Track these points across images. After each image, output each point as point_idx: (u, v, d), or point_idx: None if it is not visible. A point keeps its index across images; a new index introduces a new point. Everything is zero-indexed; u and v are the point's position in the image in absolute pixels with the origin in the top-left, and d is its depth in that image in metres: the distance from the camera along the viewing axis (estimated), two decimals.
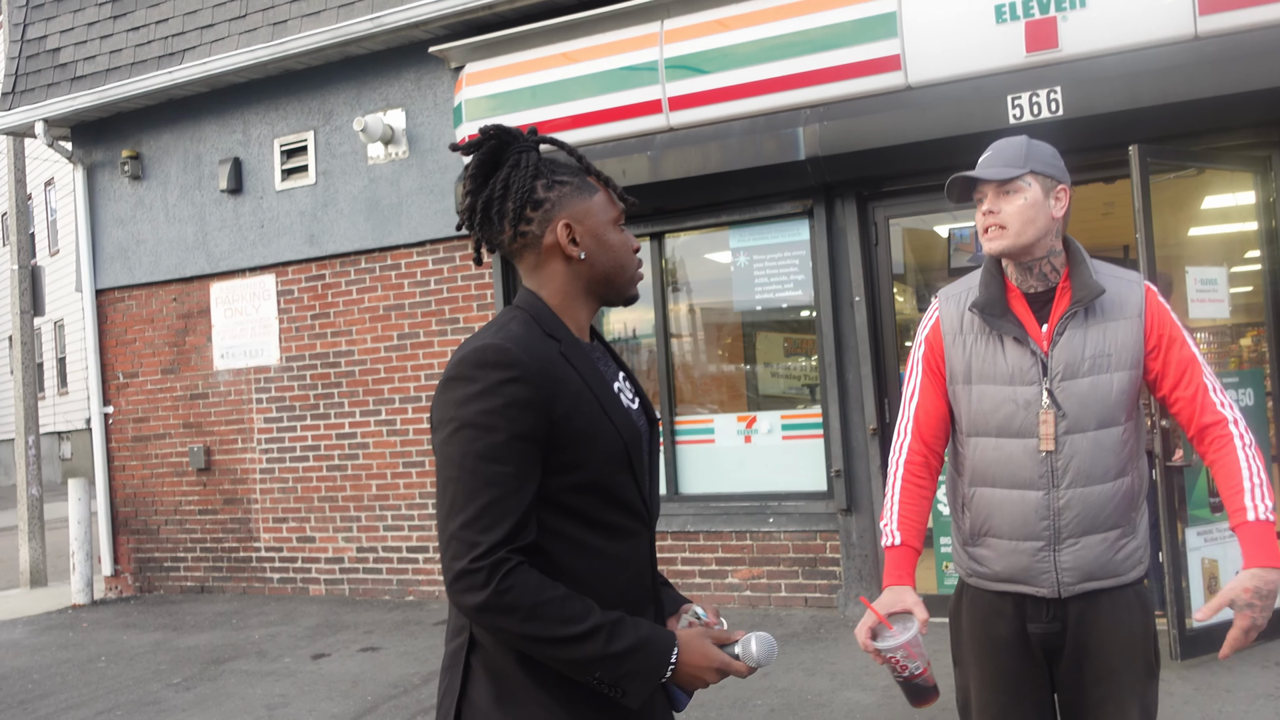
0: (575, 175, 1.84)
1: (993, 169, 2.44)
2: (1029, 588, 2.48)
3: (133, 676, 6.46)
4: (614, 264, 1.86)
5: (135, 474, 9.41)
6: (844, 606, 6.64)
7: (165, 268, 9.11)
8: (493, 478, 1.63)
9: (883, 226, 6.60)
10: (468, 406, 1.65)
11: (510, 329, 1.74)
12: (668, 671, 1.71)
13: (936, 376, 2.59)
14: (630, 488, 1.81)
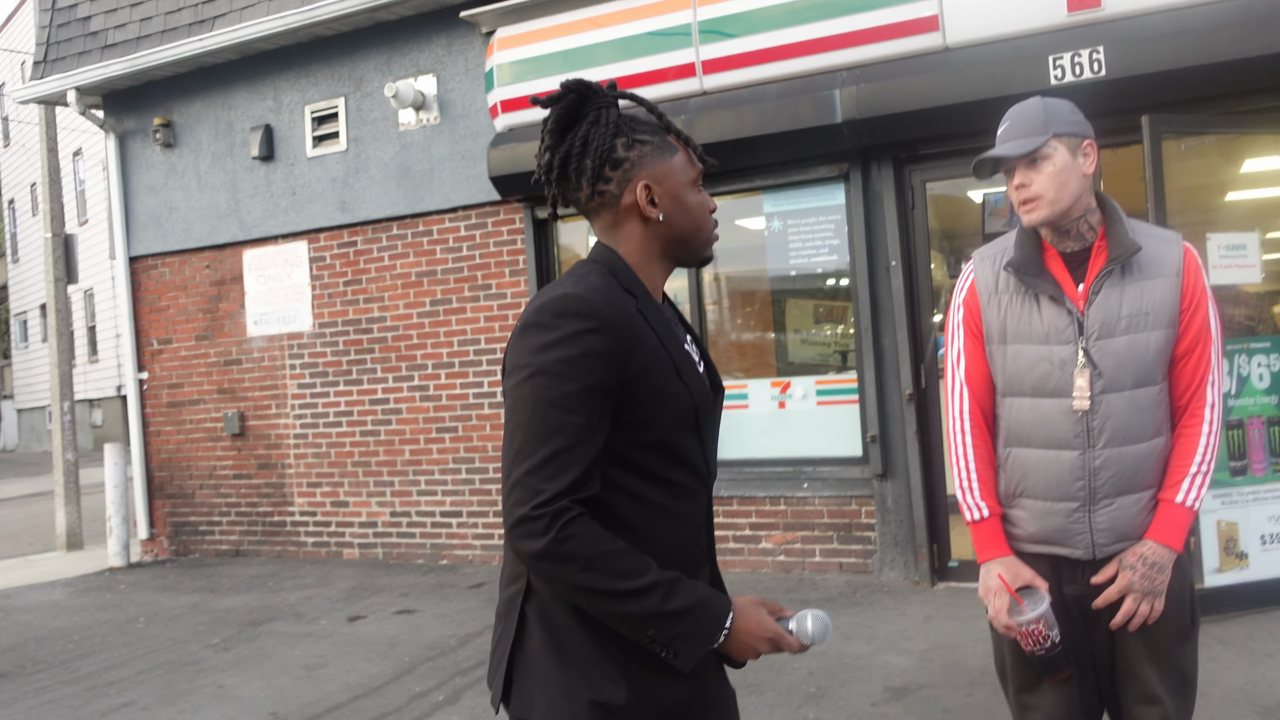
0: (655, 134, 1.81)
1: (1015, 143, 2.40)
2: (1063, 549, 2.47)
3: (171, 637, 6.54)
4: (691, 225, 1.83)
5: (170, 439, 9.49)
6: (879, 571, 6.64)
7: (198, 235, 9.15)
8: (562, 426, 1.61)
9: (919, 190, 6.53)
10: (544, 354, 1.64)
11: (590, 280, 1.73)
12: (721, 636, 1.70)
13: (977, 338, 2.56)
14: (695, 449, 1.80)
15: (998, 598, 2.38)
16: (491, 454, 7.95)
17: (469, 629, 6.18)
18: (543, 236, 7.71)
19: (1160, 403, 2.43)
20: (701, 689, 1.79)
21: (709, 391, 1.84)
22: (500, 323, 7.86)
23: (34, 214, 29.47)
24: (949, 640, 5.34)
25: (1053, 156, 2.38)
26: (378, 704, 4.99)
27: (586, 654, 1.71)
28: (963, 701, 4.49)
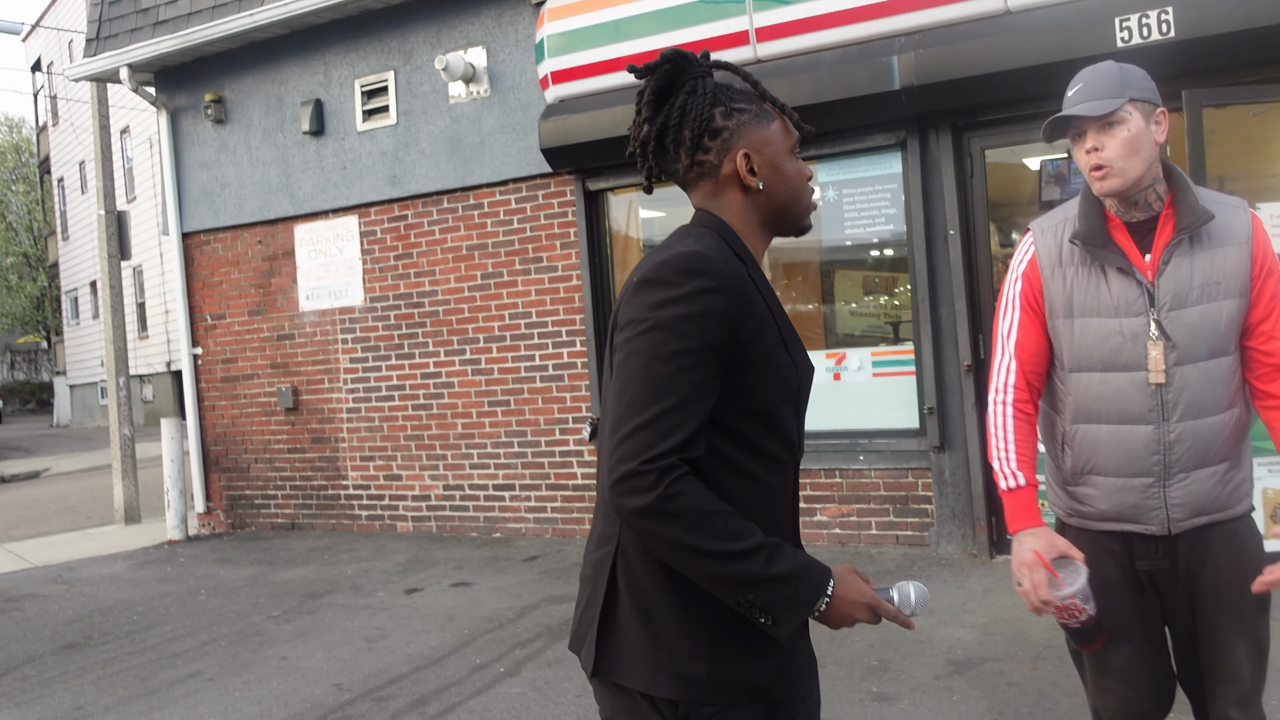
0: (753, 103, 1.79)
1: (1092, 104, 2.31)
2: (1137, 526, 2.42)
3: (233, 609, 6.63)
4: (790, 194, 1.82)
5: (225, 414, 9.60)
6: (936, 544, 6.58)
7: (250, 210, 9.21)
8: (677, 383, 1.59)
9: (978, 158, 6.42)
10: (664, 310, 1.61)
11: (708, 241, 1.71)
12: (823, 603, 1.67)
13: (1035, 312, 2.50)
14: (791, 422, 1.78)
15: (1034, 572, 2.29)
16: (543, 427, 7.96)
17: (525, 602, 6.21)
18: (594, 209, 7.67)
19: (1234, 373, 2.38)
20: (786, 666, 1.77)
21: (810, 364, 1.83)
22: (551, 295, 7.85)
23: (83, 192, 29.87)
24: (1010, 614, 5.29)
25: (1128, 121, 2.31)
26: (439, 675, 5.03)
27: (673, 625, 1.69)
28: (1028, 675, 4.44)
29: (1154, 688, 2.52)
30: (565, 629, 5.60)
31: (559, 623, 5.73)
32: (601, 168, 7.43)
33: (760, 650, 1.72)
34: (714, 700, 1.68)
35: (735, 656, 1.70)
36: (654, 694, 1.68)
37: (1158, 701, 2.54)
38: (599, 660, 1.74)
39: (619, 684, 1.72)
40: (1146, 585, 2.45)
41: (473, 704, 4.61)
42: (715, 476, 1.68)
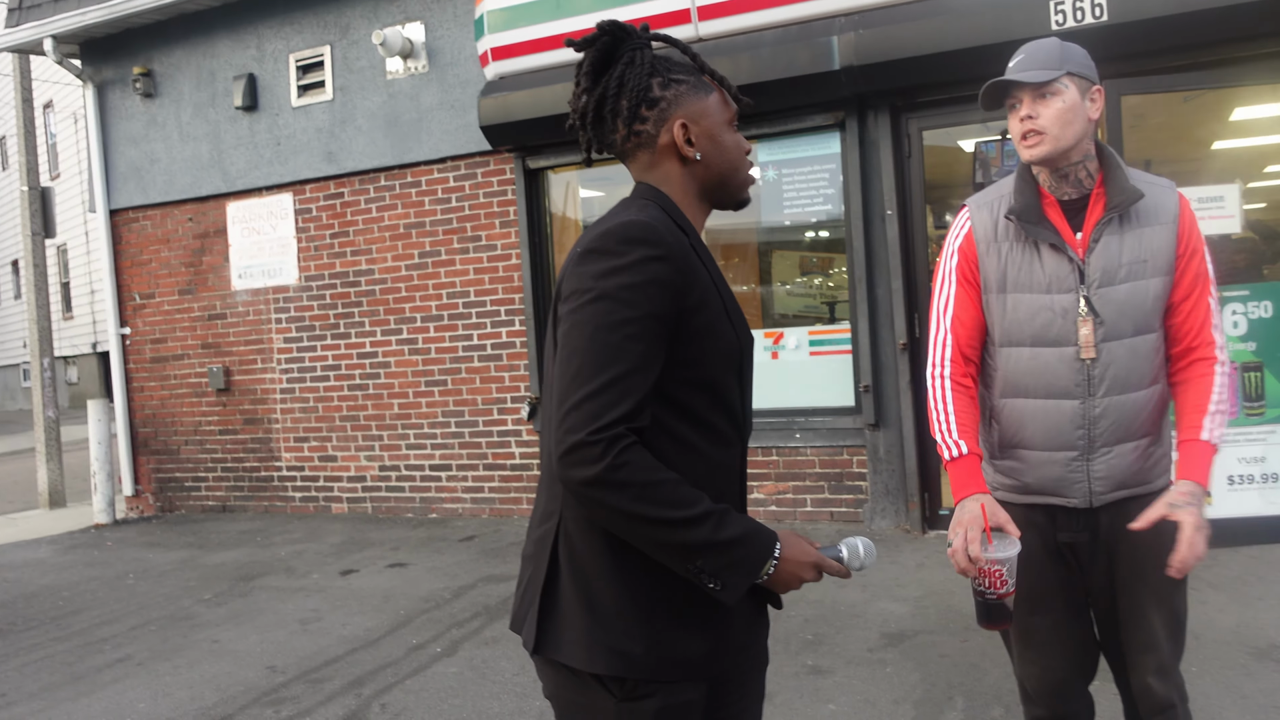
0: (691, 74, 1.79)
1: (1029, 71, 2.35)
2: (1060, 499, 2.47)
3: (163, 593, 6.50)
4: (728, 165, 1.82)
5: (154, 395, 9.40)
6: (870, 520, 6.66)
7: (180, 187, 9.00)
8: (624, 352, 1.58)
9: (916, 138, 6.48)
10: (609, 279, 1.60)
11: (651, 210, 1.70)
12: (770, 566, 1.67)
13: (971, 286, 2.53)
14: (735, 393, 1.78)
15: (970, 529, 2.26)
16: (481, 407, 7.90)
17: (462, 582, 6.17)
18: (534, 187, 7.62)
19: (1157, 350, 2.43)
20: (724, 641, 1.76)
21: (751, 336, 1.84)
22: (490, 274, 7.79)
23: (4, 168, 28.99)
24: (942, 587, 5.37)
25: (1063, 93, 2.34)
26: (375, 656, 4.98)
27: (613, 601, 1.68)
28: (959, 647, 4.51)
29: (1075, 657, 2.58)
30: (503, 608, 5.58)
31: (496, 602, 5.70)
32: (541, 146, 7.37)
33: (698, 626, 1.71)
34: (654, 676, 1.68)
35: (674, 632, 1.70)
36: (594, 671, 1.68)
37: (1079, 671, 2.61)
38: (540, 638, 1.73)
39: (560, 662, 1.71)
40: (1069, 557, 2.50)
41: (409, 684, 4.57)
42: (660, 449, 1.67)
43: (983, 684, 4.09)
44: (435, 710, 4.25)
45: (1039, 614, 2.53)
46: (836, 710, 3.96)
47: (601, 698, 1.69)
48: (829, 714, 3.93)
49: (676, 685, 1.70)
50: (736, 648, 1.81)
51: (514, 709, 4.20)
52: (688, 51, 1.84)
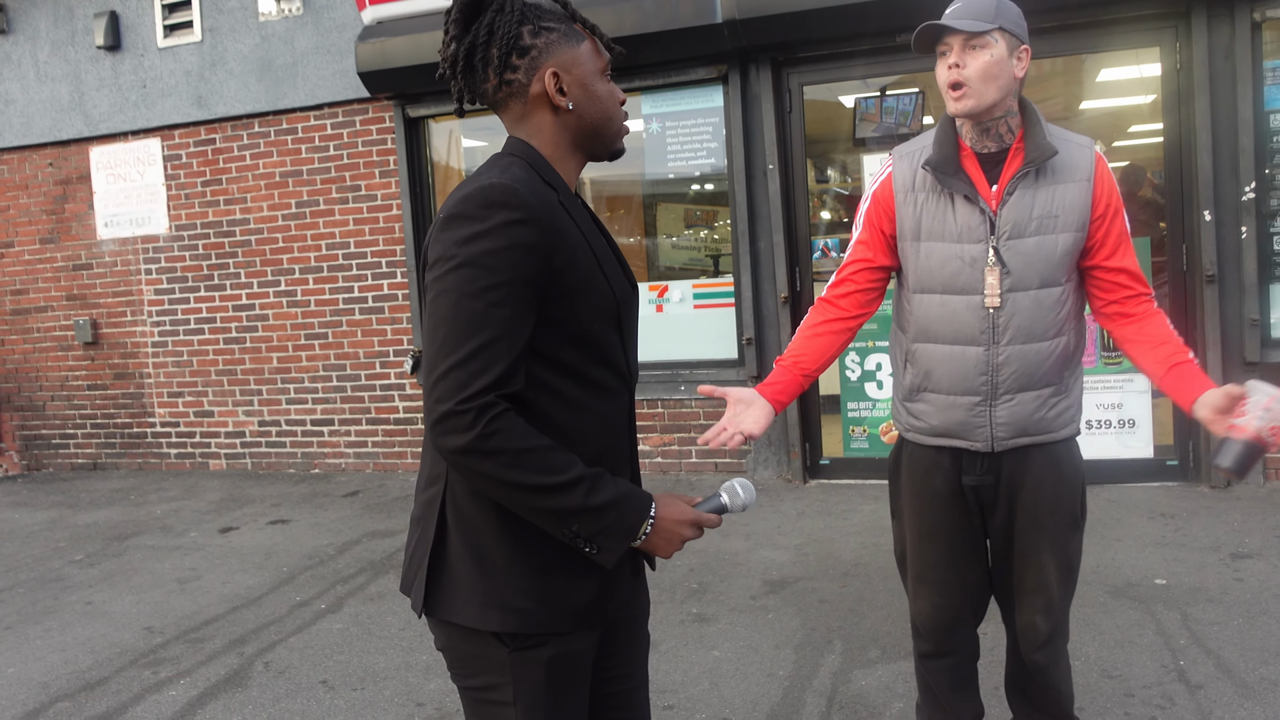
0: (562, 22, 1.77)
1: (963, 20, 2.40)
2: (964, 442, 2.57)
3: (31, 555, 6.28)
4: (602, 115, 1.80)
5: (16, 348, 8.99)
6: (753, 471, 6.80)
7: (38, 130, 8.55)
8: (489, 320, 1.58)
9: (797, 94, 6.55)
10: (470, 245, 1.59)
11: (514, 171, 1.68)
12: (646, 527, 1.71)
13: (878, 233, 2.61)
14: (617, 346, 1.79)
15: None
16: (363, 360, 7.78)
17: (346, 537, 6.11)
18: (414, 136, 7.47)
19: (1062, 303, 2.51)
20: (609, 585, 1.80)
21: (629, 288, 1.84)
22: (370, 225, 7.64)
23: None
24: (822, 535, 5.54)
25: (991, 47, 2.39)
26: (258, 614, 4.91)
27: (500, 560, 1.71)
28: (838, 592, 4.67)
29: (967, 597, 2.70)
30: (388, 564, 5.55)
31: (381, 557, 5.67)
32: (422, 94, 7.23)
33: (585, 577, 1.74)
34: (546, 629, 1.71)
35: (563, 584, 1.73)
36: (487, 629, 1.70)
37: (971, 610, 2.74)
38: (429, 599, 1.74)
39: (452, 622, 1.73)
40: (970, 500, 2.62)
41: (293, 641, 4.53)
42: (542, 408, 1.69)
43: (860, 627, 4.24)
44: (320, 666, 4.23)
45: (936, 552, 2.65)
46: (720, 656, 4.07)
47: (495, 649, 1.71)
48: (713, 660, 4.04)
49: (568, 635, 1.74)
50: (621, 600, 1.86)
51: (400, 663, 4.21)
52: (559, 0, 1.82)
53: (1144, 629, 4.03)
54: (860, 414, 6.58)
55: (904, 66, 6.36)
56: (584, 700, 1.81)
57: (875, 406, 6.54)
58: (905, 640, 4.06)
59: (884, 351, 6.47)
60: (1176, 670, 3.66)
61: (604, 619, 1.81)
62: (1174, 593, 4.39)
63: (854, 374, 6.56)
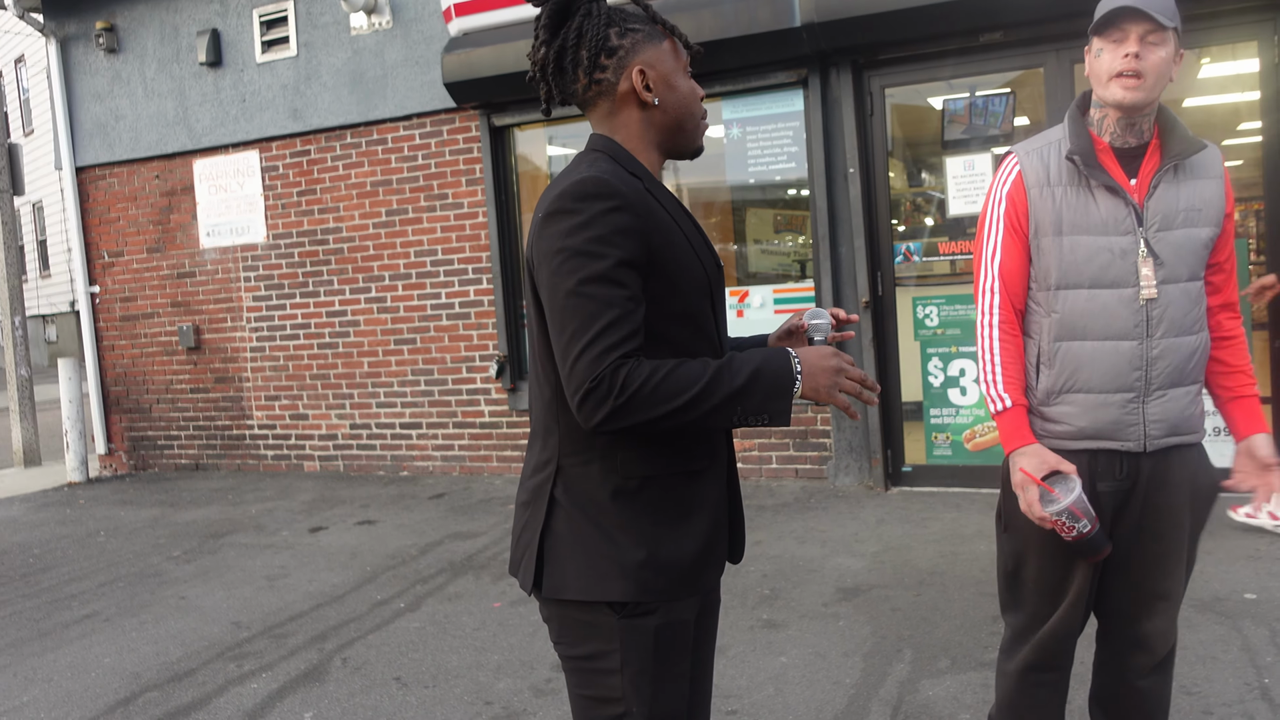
0: (645, 23, 1.87)
1: (1158, 12, 2.31)
2: (1112, 442, 2.47)
3: (133, 550, 6.55)
4: (684, 110, 1.89)
5: (125, 353, 9.39)
6: (834, 477, 6.74)
7: (146, 144, 8.93)
8: (609, 300, 1.66)
9: (878, 97, 6.49)
10: (574, 236, 1.68)
11: (600, 165, 1.77)
12: (798, 379, 1.76)
13: (1018, 233, 2.51)
14: (711, 320, 1.87)
15: (1026, 490, 2.37)
16: (450, 365, 7.93)
17: (429, 538, 6.23)
18: (499, 144, 7.60)
19: (1202, 297, 2.47)
20: (710, 550, 1.87)
21: (717, 266, 1.92)
22: (457, 232, 7.79)
23: None
24: (900, 543, 5.46)
25: (1168, 45, 2.35)
26: (339, 612, 5.04)
27: (612, 531, 1.78)
28: (912, 601, 4.60)
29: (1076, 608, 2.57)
30: (467, 565, 5.65)
31: (461, 558, 5.77)
32: (506, 103, 7.35)
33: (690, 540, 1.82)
34: (657, 595, 1.78)
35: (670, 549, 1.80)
36: (600, 600, 1.77)
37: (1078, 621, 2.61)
38: (539, 578, 1.82)
39: (562, 599, 1.81)
40: (1104, 508, 2.50)
41: (371, 639, 4.64)
42: None
43: (932, 637, 4.18)
44: (395, 663, 4.33)
45: (1066, 564, 2.53)
46: (787, 663, 4.05)
47: (605, 617, 1.78)
48: (780, 666, 4.02)
49: (674, 604, 1.81)
50: (719, 567, 1.92)
51: (472, 662, 4.28)
52: (640, 2, 1.92)
53: (1229, 645, 3.89)
54: (943, 421, 6.47)
55: (989, 67, 6.25)
56: (686, 669, 1.87)
57: (959, 413, 6.42)
58: (976, 650, 3.99)
59: (968, 357, 6.35)
60: (1260, 688, 3.52)
61: (706, 584, 1.88)
62: (1264, 608, 4.22)
63: (936, 380, 6.45)
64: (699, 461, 1.85)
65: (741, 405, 1.70)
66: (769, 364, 1.74)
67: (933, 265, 6.59)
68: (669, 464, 1.81)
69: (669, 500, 1.81)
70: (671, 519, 1.80)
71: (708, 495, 1.87)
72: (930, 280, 6.59)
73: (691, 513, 1.83)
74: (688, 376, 1.68)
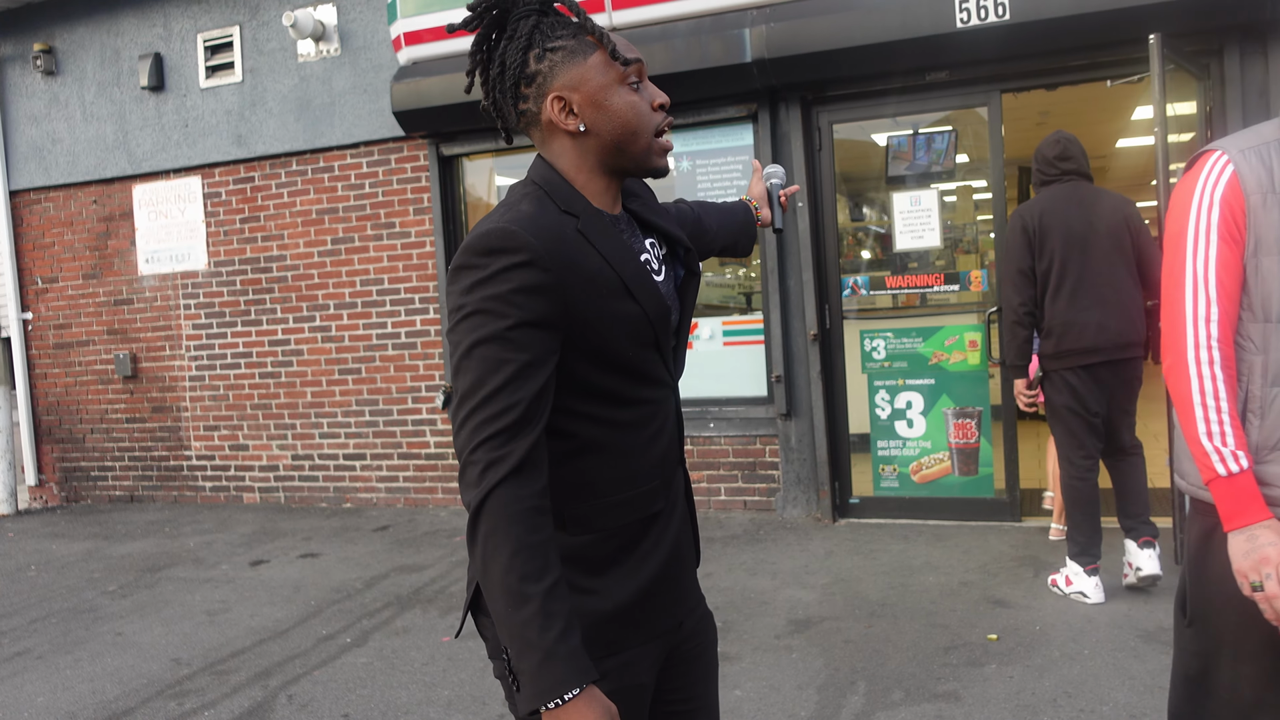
0: (571, 37, 1.66)
1: None
2: None
3: (65, 585, 6.36)
4: (622, 129, 1.67)
5: (58, 382, 9.15)
6: (782, 509, 6.76)
7: (84, 168, 8.76)
8: (500, 365, 1.54)
9: (826, 132, 6.57)
10: (474, 293, 1.55)
11: (520, 209, 1.62)
12: (552, 703, 1.49)
13: (1235, 245, 2.01)
14: (658, 364, 1.73)
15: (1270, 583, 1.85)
16: (396, 395, 7.84)
17: (375, 571, 6.13)
18: (448, 174, 7.57)
19: None
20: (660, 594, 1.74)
21: (667, 305, 1.73)
22: (404, 262, 7.72)
23: None
24: (849, 574, 5.49)
25: None
26: (283, 647, 4.93)
27: None
28: (863, 632, 4.62)
29: None
30: (414, 599, 5.56)
31: (408, 592, 5.68)
32: (456, 132, 7.32)
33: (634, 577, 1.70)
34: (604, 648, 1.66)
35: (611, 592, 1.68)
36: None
37: None
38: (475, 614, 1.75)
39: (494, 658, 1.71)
40: None
41: (317, 675, 4.54)
42: (585, 436, 1.65)
43: (885, 669, 4.19)
44: (343, 700, 4.24)
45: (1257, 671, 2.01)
46: (743, 696, 4.03)
47: None
48: (735, 700, 4.00)
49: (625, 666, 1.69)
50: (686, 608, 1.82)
51: (422, 698, 4.20)
52: (574, 10, 1.71)
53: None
54: (890, 453, 6.53)
55: (934, 105, 6.37)
56: None
57: (905, 445, 6.49)
58: (929, 682, 4.01)
59: (914, 390, 6.42)
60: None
61: (655, 629, 1.75)
62: None
63: (884, 412, 6.52)
64: (656, 506, 1.74)
65: (511, 646, 1.50)
66: (553, 667, 1.48)
67: (877, 299, 6.68)
68: (624, 516, 1.70)
69: (618, 549, 1.69)
70: (619, 565, 1.68)
71: (662, 535, 1.75)
72: (877, 313, 6.67)
73: (639, 557, 1.70)
74: (526, 569, 1.49)
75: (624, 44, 1.69)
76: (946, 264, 6.61)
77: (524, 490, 1.52)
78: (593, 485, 1.67)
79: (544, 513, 1.54)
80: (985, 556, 5.64)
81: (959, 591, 5.08)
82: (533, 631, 1.48)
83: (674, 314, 1.79)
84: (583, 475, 1.66)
